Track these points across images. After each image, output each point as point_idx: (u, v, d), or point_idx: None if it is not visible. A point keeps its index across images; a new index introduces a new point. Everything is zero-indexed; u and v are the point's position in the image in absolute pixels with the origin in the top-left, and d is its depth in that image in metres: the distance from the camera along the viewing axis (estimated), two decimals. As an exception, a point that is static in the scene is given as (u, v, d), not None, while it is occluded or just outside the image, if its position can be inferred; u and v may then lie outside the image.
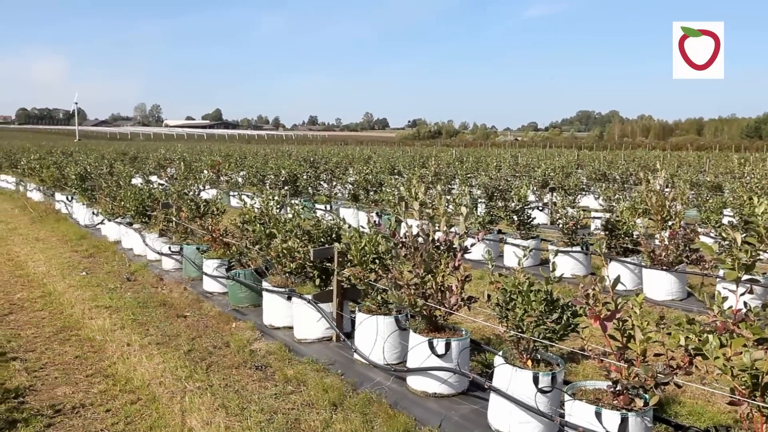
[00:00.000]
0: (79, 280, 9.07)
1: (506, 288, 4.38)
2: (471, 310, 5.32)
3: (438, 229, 5.34)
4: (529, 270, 6.80)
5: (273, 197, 7.45)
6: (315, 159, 24.17)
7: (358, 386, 5.23)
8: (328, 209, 14.27)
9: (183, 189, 9.74)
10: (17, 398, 5.05)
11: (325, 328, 6.27)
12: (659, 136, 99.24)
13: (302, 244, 6.36)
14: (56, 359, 6.00)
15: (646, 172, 12.57)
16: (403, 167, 21.54)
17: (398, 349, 5.58)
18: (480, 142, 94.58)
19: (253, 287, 7.36)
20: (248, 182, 19.26)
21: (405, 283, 5.18)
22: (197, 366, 5.72)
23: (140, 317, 7.21)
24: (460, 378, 4.97)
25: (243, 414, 4.77)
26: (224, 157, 26.11)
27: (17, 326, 6.99)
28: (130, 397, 5.13)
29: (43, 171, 18.84)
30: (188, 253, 8.84)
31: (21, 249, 11.53)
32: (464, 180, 16.36)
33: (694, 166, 26.32)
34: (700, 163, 29.07)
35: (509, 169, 21.99)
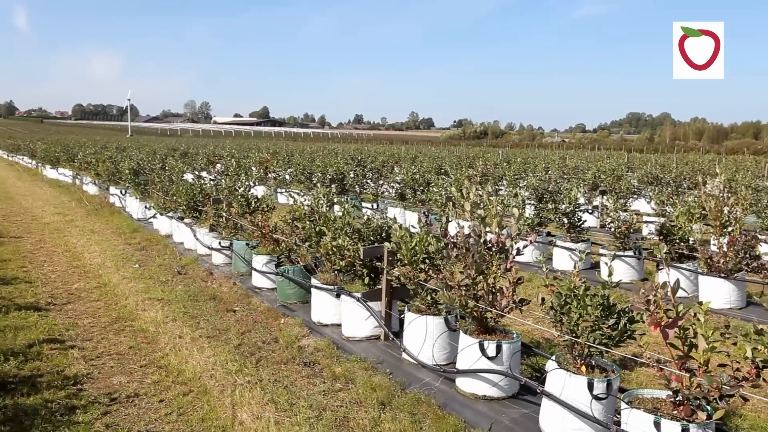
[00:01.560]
0: (132, 272, 9.28)
1: (561, 291, 4.29)
2: (522, 312, 5.24)
3: (489, 230, 5.27)
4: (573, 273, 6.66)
5: (323, 195, 7.48)
6: (362, 158, 24.23)
7: (406, 386, 5.20)
8: (374, 208, 14.29)
9: (234, 185, 9.87)
10: (75, 385, 5.19)
11: (373, 327, 6.27)
12: (713, 139, 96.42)
13: (352, 242, 6.37)
14: (112, 349, 6.15)
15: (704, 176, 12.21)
16: (449, 167, 21.42)
17: (447, 350, 5.54)
18: (526, 143, 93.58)
19: (301, 284, 7.41)
20: (295, 180, 19.44)
21: (456, 283, 5.14)
22: (247, 360, 5.78)
23: (191, 310, 7.33)
24: (511, 381, 4.91)
25: (292, 410, 4.80)
26: (272, 155, 26.42)
27: (75, 315, 7.19)
28: (182, 389, 5.22)
29: (99, 165, 19.36)
30: (238, 248, 8.95)
31: (78, 240, 11.87)
32: (512, 181, 16.17)
33: (752, 170, 25.46)
34: (758, 167, 28.11)
35: (557, 171, 21.66)
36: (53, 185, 23.15)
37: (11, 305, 7.33)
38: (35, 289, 8.23)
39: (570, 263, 9.37)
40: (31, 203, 17.75)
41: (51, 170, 27.07)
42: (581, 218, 10.03)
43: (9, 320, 6.81)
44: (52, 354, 5.90)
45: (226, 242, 9.52)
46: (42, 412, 4.65)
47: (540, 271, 9.30)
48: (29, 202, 18.09)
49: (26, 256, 10.33)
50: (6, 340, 6.18)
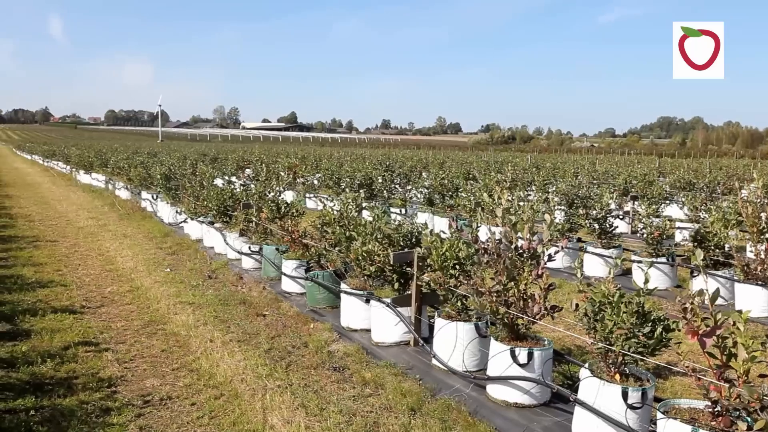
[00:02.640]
0: (163, 276, 9.40)
1: (595, 298, 4.23)
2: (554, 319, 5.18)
3: (520, 236, 5.23)
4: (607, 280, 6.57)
5: (353, 200, 7.49)
6: (390, 163, 24.25)
7: (436, 392, 5.18)
8: (403, 213, 14.27)
9: (264, 190, 9.94)
10: (110, 387, 5.27)
11: (403, 333, 6.26)
12: (748, 143, 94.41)
13: (382, 247, 6.36)
14: (144, 352, 6.23)
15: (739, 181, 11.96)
16: (477, 172, 21.33)
17: (477, 357, 5.50)
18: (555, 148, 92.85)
19: (331, 289, 7.44)
20: (324, 185, 19.52)
21: (487, 289, 5.11)
22: (277, 365, 5.80)
23: (222, 314, 7.39)
24: (543, 389, 4.85)
25: (322, 414, 4.80)
26: (300, 160, 26.58)
27: (108, 318, 7.31)
28: (213, 392, 5.26)
29: (131, 170, 19.69)
30: (267, 253, 9.01)
31: (110, 244, 12.07)
32: (541, 186, 16.04)
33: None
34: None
35: (587, 176, 21.43)
36: (87, 190, 23.58)
37: (47, 308, 7.48)
38: (70, 292, 8.38)
39: (601, 269, 9.26)
40: (66, 208, 18.10)
41: (84, 175, 27.59)
42: (613, 224, 9.90)
43: (45, 322, 6.95)
44: (87, 356, 6.00)
45: (255, 247, 9.59)
46: (78, 414, 4.72)
47: (570, 277, 9.29)
48: (64, 206, 18.45)
49: (61, 260, 10.53)
50: (43, 342, 6.30)
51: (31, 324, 6.88)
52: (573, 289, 8.68)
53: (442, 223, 12.70)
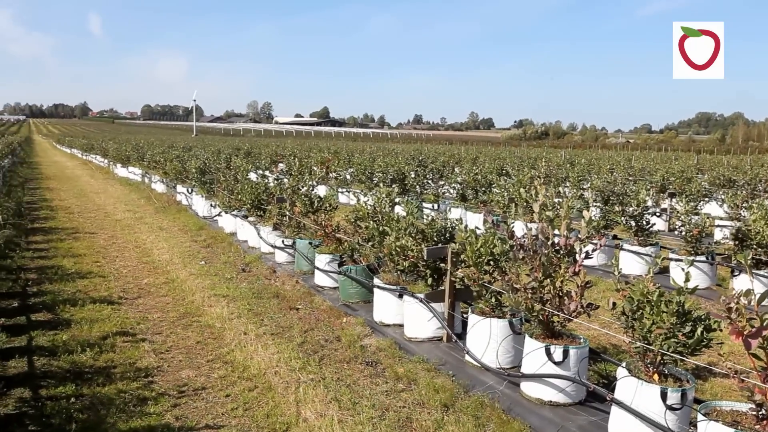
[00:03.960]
0: (198, 268, 9.52)
1: (633, 297, 4.15)
2: (590, 317, 5.10)
3: (557, 232, 5.16)
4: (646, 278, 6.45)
5: (386, 195, 7.48)
6: (423, 158, 24.17)
7: (469, 388, 5.14)
8: (435, 208, 14.22)
9: (297, 184, 9.99)
10: (147, 377, 5.36)
11: (436, 328, 6.23)
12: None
13: (415, 242, 6.34)
14: (180, 343, 6.32)
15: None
16: (511, 168, 21.15)
17: (511, 354, 5.46)
18: (589, 143, 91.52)
19: (364, 283, 7.44)
20: (356, 179, 19.55)
21: (522, 286, 5.05)
22: (310, 358, 5.83)
23: (255, 307, 7.45)
24: (578, 387, 4.78)
25: (355, 409, 4.81)
26: (333, 154, 26.66)
27: (145, 309, 7.43)
28: (247, 384, 5.31)
29: (167, 164, 19.97)
30: (301, 247, 9.06)
31: (147, 237, 12.27)
32: (576, 183, 15.83)
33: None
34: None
35: (622, 173, 21.08)
36: (124, 183, 24.01)
37: (87, 298, 7.63)
38: (108, 283, 8.54)
39: (637, 267, 9.10)
40: (104, 200, 18.46)
41: (121, 169, 28.07)
42: (649, 221, 9.72)
43: (85, 312, 7.09)
44: (125, 346, 6.11)
45: (289, 241, 9.64)
46: (116, 402, 4.81)
47: (605, 274, 9.15)
48: (102, 199, 18.81)
49: (100, 251, 10.74)
50: (82, 332, 6.44)
51: (71, 314, 7.03)
52: (608, 286, 8.59)
53: (475, 218, 12.62)
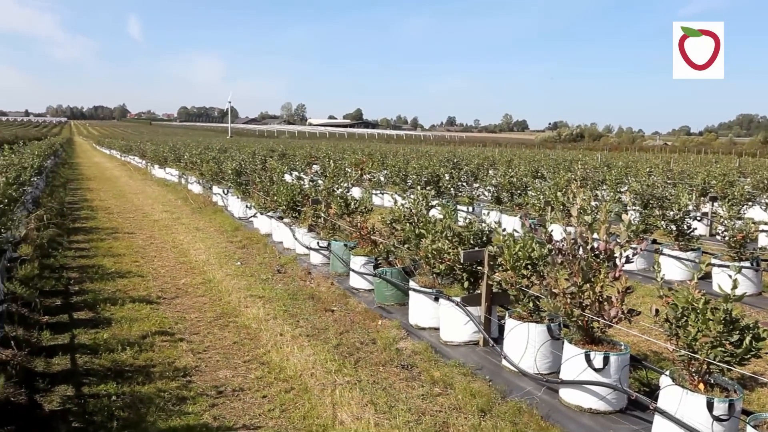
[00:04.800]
0: (234, 269, 9.61)
1: (677, 303, 4.05)
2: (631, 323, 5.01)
3: (596, 236, 5.07)
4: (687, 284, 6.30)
5: (423, 198, 7.45)
6: (457, 160, 24.06)
7: (506, 394, 5.09)
8: (470, 211, 14.13)
9: (332, 186, 10.02)
10: (185, 377, 5.42)
11: (472, 332, 6.18)
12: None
13: (452, 245, 6.30)
14: (217, 343, 6.38)
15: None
16: (546, 170, 20.92)
17: (549, 359, 5.38)
18: (625, 146, 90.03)
19: (399, 286, 7.42)
20: (390, 181, 19.54)
21: (560, 291, 4.98)
22: (346, 360, 5.83)
23: (291, 309, 7.49)
24: (619, 395, 4.69)
25: (391, 412, 4.79)
26: (367, 156, 26.70)
27: (183, 309, 7.52)
28: (284, 386, 5.33)
29: (203, 165, 20.22)
30: (336, 249, 9.08)
31: (184, 237, 12.44)
32: (613, 185, 15.57)
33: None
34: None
35: (661, 176, 20.68)
36: (161, 184, 24.40)
37: (126, 297, 7.76)
38: (147, 283, 8.68)
39: (678, 273, 8.91)
40: (142, 201, 18.78)
41: (159, 170, 28.55)
42: (691, 225, 9.50)
43: (125, 311, 7.21)
44: (163, 346, 6.19)
45: (324, 242, 9.67)
46: (156, 401, 4.88)
47: (644, 279, 8.98)
48: (140, 200, 19.15)
49: (138, 251, 10.92)
50: (122, 331, 6.54)
51: (112, 313, 7.16)
52: (647, 292, 8.43)
53: (510, 221, 12.50)
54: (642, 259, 9.74)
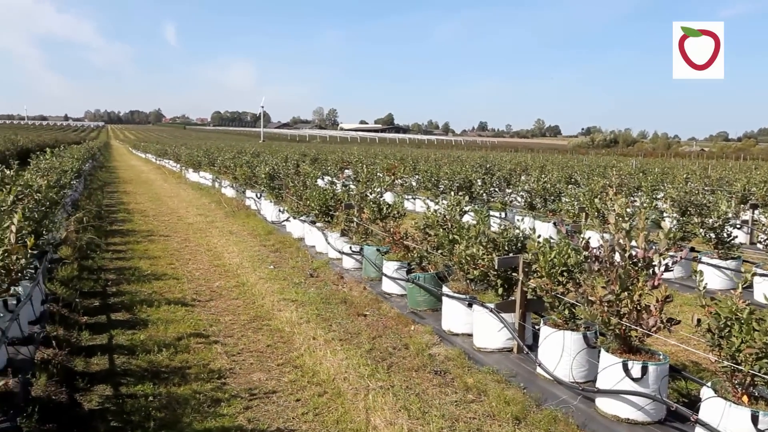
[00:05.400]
0: (267, 273, 9.68)
1: (720, 314, 3.96)
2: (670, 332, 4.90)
3: (635, 243, 4.98)
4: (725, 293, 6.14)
5: (457, 203, 7.42)
6: (490, 166, 23.93)
7: (541, 402, 5.02)
8: (503, 217, 14.04)
9: (365, 191, 10.04)
10: (220, 379, 5.47)
11: (506, 339, 6.12)
12: None
13: (486, 251, 6.26)
14: (251, 346, 6.43)
15: None
16: (580, 176, 20.68)
17: (585, 368, 5.30)
18: (661, 152, 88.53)
19: (432, 291, 7.39)
20: (422, 186, 19.50)
21: (597, 298, 4.90)
22: (378, 365, 5.82)
23: (323, 313, 7.51)
24: (657, 406, 4.60)
25: (424, 418, 4.77)
26: (399, 161, 26.72)
27: (217, 312, 7.60)
28: (317, 390, 5.34)
29: (237, 170, 20.44)
30: (368, 253, 9.09)
31: (218, 241, 12.58)
32: (649, 192, 15.33)
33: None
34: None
35: (699, 182, 20.28)
36: (195, 187, 24.73)
37: (162, 299, 7.88)
38: (182, 285, 8.79)
39: (717, 281, 8.73)
40: (177, 204, 19.06)
41: (193, 173, 28.94)
42: (731, 233, 9.29)
43: (161, 313, 7.32)
44: (198, 347, 6.26)
45: (356, 247, 9.69)
46: (191, 402, 4.93)
47: (682, 288, 8.81)
48: (175, 203, 19.43)
49: (173, 254, 11.08)
50: (158, 332, 6.64)
51: (148, 314, 7.27)
52: (685, 300, 8.27)
53: (544, 227, 12.38)
54: (679, 267, 9.56)
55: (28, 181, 8.39)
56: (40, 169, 12.11)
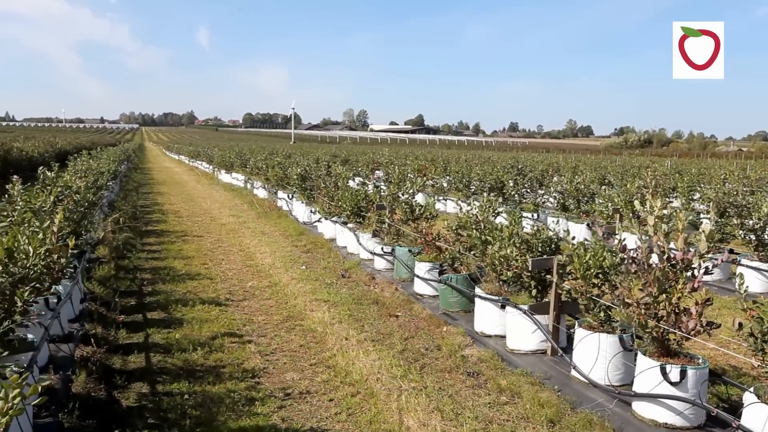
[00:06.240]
0: (299, 273, 9.73)
1: (763, 317, 3.86)
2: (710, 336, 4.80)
3: (673, 245, 4.89)
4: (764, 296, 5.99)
5: (490, 204, 7.38)
6: (522, 166, 23.74)
7: (576, 405, 4.96)
8: (535, 218, 13.91)
9: (397, 192, 10.04)
10: (253, 378, 5.52)
11: (540, 341, 6.06)
12: None
13: (519, 252, 6.21)
14: (284, 346, 6.47)
15: None
16: (613, 177, 20.39)
17: (621, 371, 5.22)
18: (696, 152, 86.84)
19: (464, 293, 7.36)
20: (453, 187, 19.43)
21: (634, 301, 4.83)
22: (411, 366, 5.81)
23: (355, 313, 7.52)
24: (696, 410, 4.50)
25: (458, 419, 4.75)
26: (429, 162, 26.66)
27: (250, 312, 7.67)
28: (350, 390, 5.35)
29: (268, 171, 20.60)
30: (400, 254, 9.09)
31: (250, 241, 12.70)
32: (685, 193, 15.04)
33: None
34: None
35: (737, 183, 19.81)
36: (227, 188, 25.01)
37: (196, 299, 7.98)
38: (215, 285, 8.89)
39: (758, 284, 8.57)
40: (209, 205, 19.29)
41: (225, 175, 29.27)
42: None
43: (195, 312, 7.41)
44: (232, 347, 6.32)
45: (388, 248, 9.69)
46: (226, 401, 4.98)
47: (720, 291, 8.63)
48: (207, 204, 19.67)
49: (207, 254, 11.22)
50: (193, 331, 6.73)
51: (183, 314, 7.37)
52: (723, 304, 8.10)
53: (577, 229, 12.25)
54: (717, 269, 9.33)
55: (67, 183, 8.57)
56: (78, 170, 12.35)
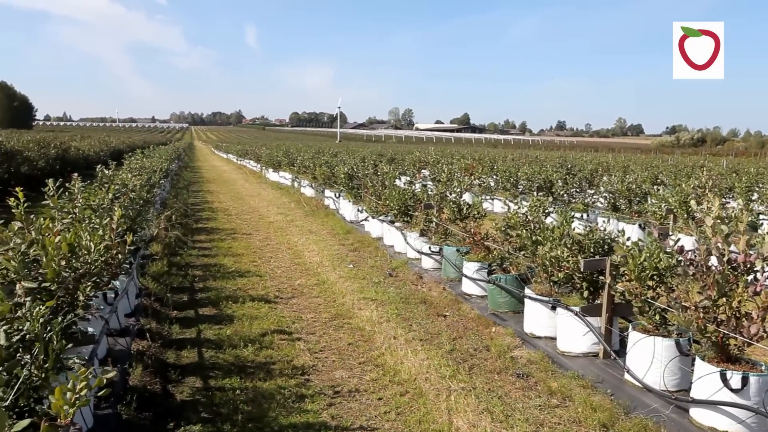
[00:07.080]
0: (347, 271, 9.78)
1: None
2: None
3: (734, 248, 4.73)
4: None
5: (540, 204, 7.28)
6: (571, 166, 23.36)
7: (630, 410, 4.85)
8: (584, 218, 13.67)
9: (445, 191, 9.99)
10: (303, 375, 5.57)
11: (591, 343, 5.95)
12: None
13: (571, 253, 6.10)
14: (332, 344, 6.51)
15: None
16: (666, 177, 19.88)
17: (678, 376, 5.09)
18: (754, 150, 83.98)
19: (514, 293, 7.28)
20: (500, 187, 19.24)
21: (692, 304, 4.69)
22: (459, 366, 5.78)
23: (403, 312, 7.52)
24: (760, 419, 4.34)
25: (508, 421, 4.70)
26: (476, 161, 26.47)
27: (299, 309, 7.74)
28: (398, 389, 5.35)
29: (316, 169, 20.77)
30: (448, 254, 9.04)
31: (298, 239, 12.82)
32: (743, 193, 14.56)
33: None
34: None
35: (798, 182, 19.09)
36: (275, 187, 25.31)
37: (246, 296, 8.10)
38: (264, 283, 9.01)
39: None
40: (257, 203, 19.55)
41: (273, 173, 29.63)
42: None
43: (245, 309, 7.52)
44: (282, 344, 6.39)
45: (435, 247, 9.65)
46: (276, 397, 5.04)
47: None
48: (256, 202, 19.95)
49: (256, 252, 11.37)
50: (243, 328, 6.82)
51: (233, 310, 7.49)
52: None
53: (628, 229, 11.97)
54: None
55: (124, 181, 8.81)
56: (133, 168, 12.67)
